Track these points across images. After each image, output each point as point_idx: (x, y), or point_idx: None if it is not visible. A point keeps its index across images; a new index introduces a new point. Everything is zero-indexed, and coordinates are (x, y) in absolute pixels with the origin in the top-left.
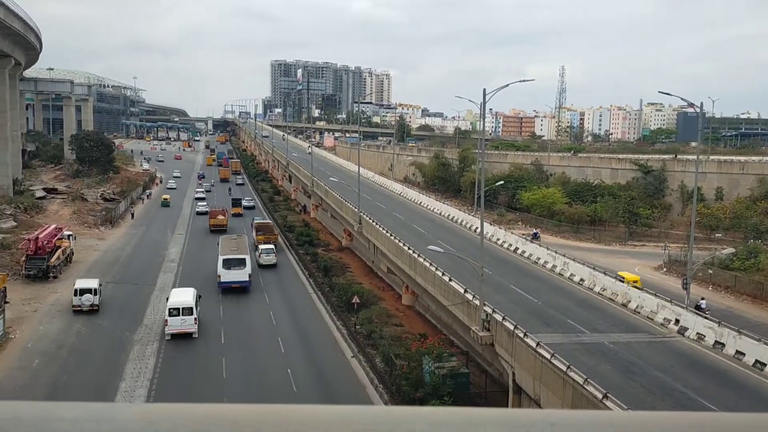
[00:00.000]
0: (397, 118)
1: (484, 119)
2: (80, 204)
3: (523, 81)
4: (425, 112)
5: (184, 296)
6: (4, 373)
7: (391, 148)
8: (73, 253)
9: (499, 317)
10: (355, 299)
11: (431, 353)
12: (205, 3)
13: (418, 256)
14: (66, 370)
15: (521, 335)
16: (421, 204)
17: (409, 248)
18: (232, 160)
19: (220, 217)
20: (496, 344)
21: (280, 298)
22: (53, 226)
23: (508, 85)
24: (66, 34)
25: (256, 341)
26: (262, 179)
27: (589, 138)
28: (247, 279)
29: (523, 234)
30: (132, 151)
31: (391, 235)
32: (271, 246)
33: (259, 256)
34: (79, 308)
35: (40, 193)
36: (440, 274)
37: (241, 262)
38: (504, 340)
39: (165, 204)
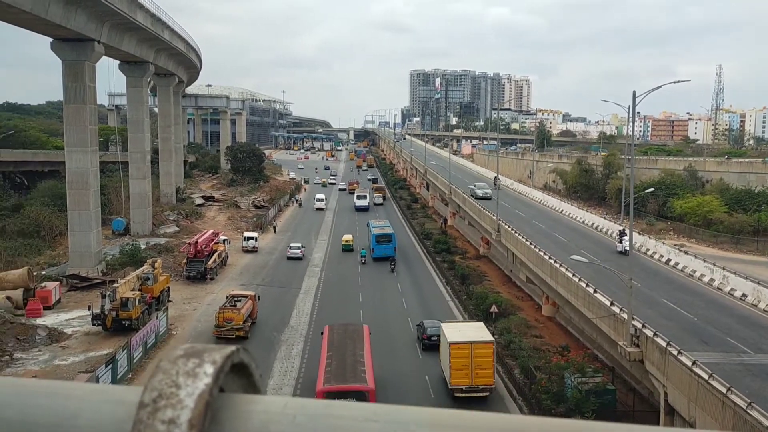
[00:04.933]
0: (537, 124)
1: (633, 123)
2: (234, 211)
3: (677, 82)
4: (566, 117)
5: (322, 195)
6: None
7: (531, 155)
8: (227, 257)
9: (649, 332)
10: (493, 308)
11: (573, 367)
12: (346, 18)
13: (560, 265)
14: None
15: (674, 352)
16: (563, 212)
17: (550, 257)
18: (368, 156)
19: (355, 185)
20: (646, 361)
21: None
22: (210, 232)
23: (660, 87)
24: (222, 53)
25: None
26: (400, 187)
27: (751, 141)
28: (366, 204)
29: (675, 245)
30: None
31: (530, 243)
32: (381, 195)
33: (374, 198)
34: (247, 249)
35: (199, 201)
36: (584, 285)
37: (364, 197)
38: (655, 357)
39: (324, 185)
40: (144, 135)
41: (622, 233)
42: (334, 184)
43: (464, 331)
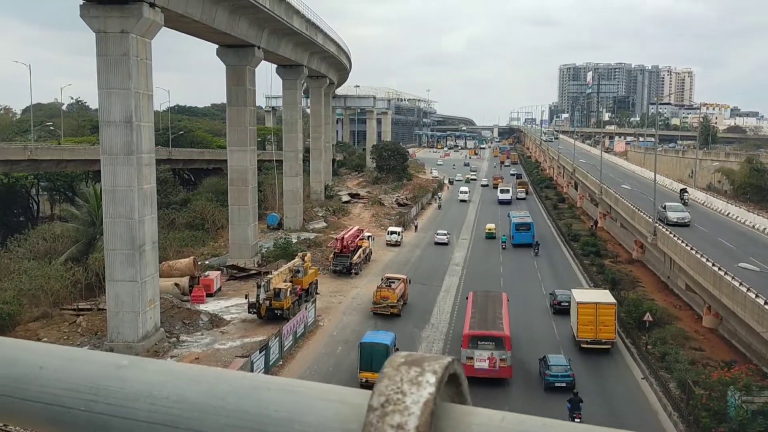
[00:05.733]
0: (701, 120)
1: None
2: (378, 208)
3: None
4: (735, 112)
5: (465, 188)
6: (315, 357)
7: (693, 153)
8: (371, 253)
9: None
10: (647, 316)
11: (737, 384)
12: (492, 15)
13: (725, 273)
14: None
15: None
16: (729, 215)
17: (713, 264)
18: (512, 153)
19: (498, 180)
20: None
21: None
22: (356, 228)
23: None
24: (369, 53)
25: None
26: (546, 186)
27: None
28: (509, 198)
29: None
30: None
31: (691, 248)
32: (523, 189)
33: (517, 193)
34: (390, 242)
35: (345, 198)
36: (753, 295)
37: (507, 191)
38: None
39: (467, 181)
40: (297, 135)
41: None
42: (475, 180)
43: (591, 295)
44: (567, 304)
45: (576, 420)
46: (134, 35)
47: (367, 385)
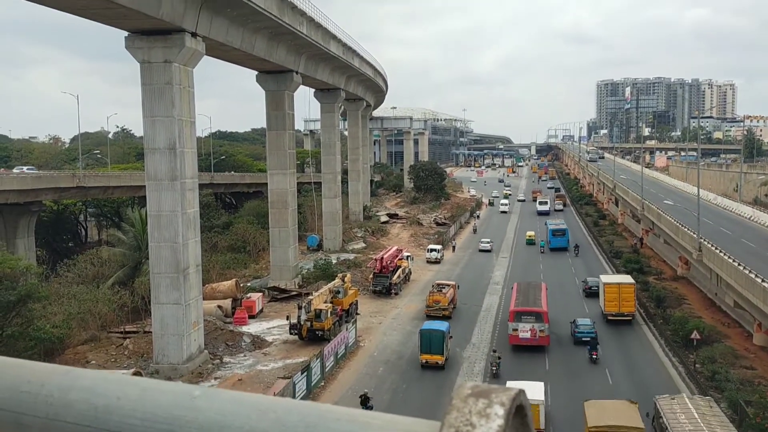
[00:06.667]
0: (744, 132)
1: None
2: (416, 228)
3: None
4: None
5: (505, 200)
6: (356, 378)
7: (737, 166)
8: (410, 273)
9: None
10: (695, 334)
11: None
12: (525, 32)
13: None
14: (405, 380)
15: None
16: None
17: (762, 281)
18: (550, 169)
19: (537, 194)
20: None
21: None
22: (395, 248)
23: None
24: (405, 75)
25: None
26: (586, 203)
27: None
28: (547, 209)
29: None
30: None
31: (739, 264)
32: (561, 201)
33: (555, 204)
34: (430, 260)
35: (384, 218)
36: None
37: (546, 203)
38: None
39: (506, 197)
40: (335, 157)
41: None
42: (511, 195)
43: (615, 278)
44: (596, 288)
45: (593, 356)
46: (177, 64)
47: (427, 366)
